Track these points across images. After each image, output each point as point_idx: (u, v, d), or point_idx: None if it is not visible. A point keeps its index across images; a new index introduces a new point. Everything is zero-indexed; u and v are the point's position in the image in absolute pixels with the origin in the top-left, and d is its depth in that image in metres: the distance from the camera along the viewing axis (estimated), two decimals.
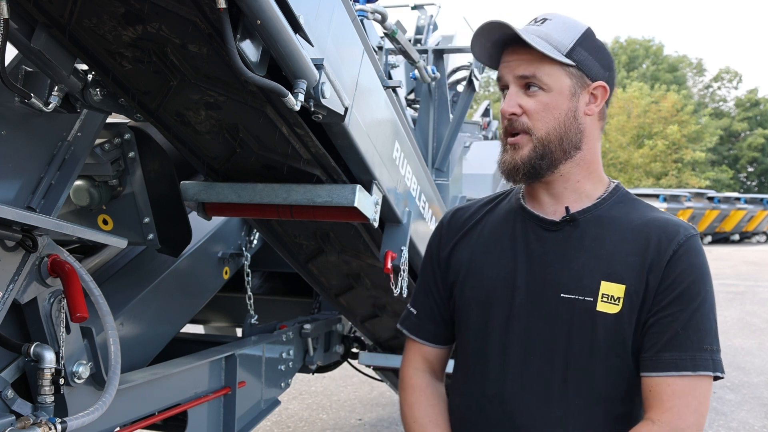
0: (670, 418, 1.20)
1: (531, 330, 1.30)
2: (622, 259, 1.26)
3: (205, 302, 2.76)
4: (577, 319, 1.26)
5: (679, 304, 1.23)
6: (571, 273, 1.28)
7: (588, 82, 1.30)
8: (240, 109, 1.71)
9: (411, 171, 2.38)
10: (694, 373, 1.20)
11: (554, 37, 1.27)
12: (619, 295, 1.24)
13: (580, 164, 1.33)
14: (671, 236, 1.26)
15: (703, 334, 1.22)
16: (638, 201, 1.37)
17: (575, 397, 1.27)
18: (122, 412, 1.96)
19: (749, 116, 52.19)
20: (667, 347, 1.22)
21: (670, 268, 1.24)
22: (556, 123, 1.28)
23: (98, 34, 1.49)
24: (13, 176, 1.62)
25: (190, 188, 2.09)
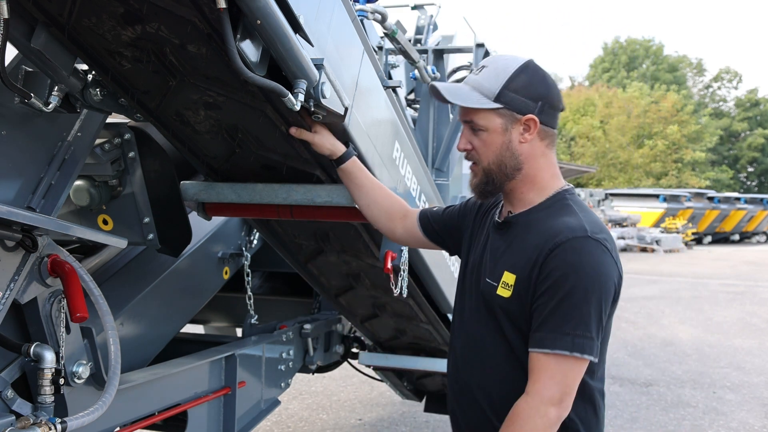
0: (538, 388, 1.46)
1: (471, 302, 1.68)
2: (523, 255, 1.55)
3: (205, 302, 2.76)
4: (488, 298, 1.61)
5: (548, 294, 1.48)
6: (494, 262, 1.62)
7: (518, 117, 1.56)
8: (239, 109, 1.71)
9: (411, 171, 2.38)
10: (552, 351, 1.45)
11: (485, 86, 1.56)
12: (512, 283, 1.55)
13: (524, 180, 1.62)
14: (554, 237, 1.51)
15: (567, 319, 1.45)
16: (567, 207, 1.60)
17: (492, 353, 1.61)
18: (122, 412, 1.96)
19: (749, 116, 52.17)
20: (538, 329, 1.49)
21: (546, 264, 1.49)
22: (494, 155, 1.59)
23: (97, 33, 1.49)
24: (13, 176, 1.62)
25: (190, 188, 2.08)
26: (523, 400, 1.48)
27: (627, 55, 53.54)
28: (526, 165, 1.59)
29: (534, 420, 1.45)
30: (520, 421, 1.46)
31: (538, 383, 1.46)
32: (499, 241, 1.64)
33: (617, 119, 42.73)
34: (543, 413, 1.45)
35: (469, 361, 1.66)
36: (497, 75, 1.55)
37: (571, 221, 1.53)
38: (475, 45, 4.00)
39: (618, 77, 51.65)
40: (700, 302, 11.98)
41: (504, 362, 1.59)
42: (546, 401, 1.45)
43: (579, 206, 1.60)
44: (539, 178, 1.62)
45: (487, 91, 1.55)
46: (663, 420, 5.34)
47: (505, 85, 1.54)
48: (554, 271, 1.48)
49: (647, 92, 44.97)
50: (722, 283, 15.14)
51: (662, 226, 27.53)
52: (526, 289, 1.52)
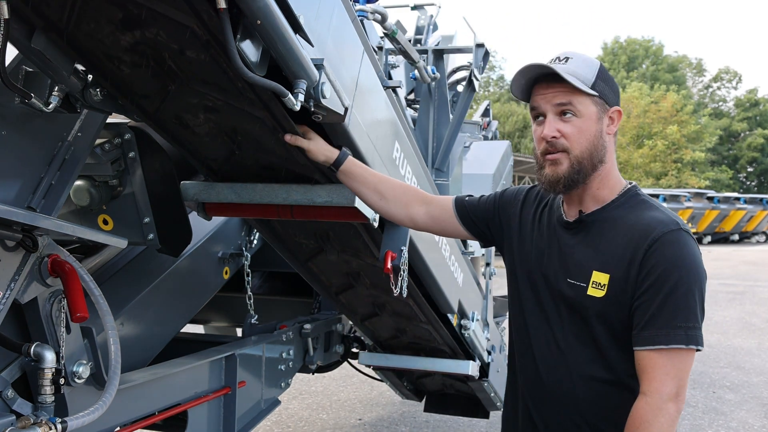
0: (656, 387, 1.45)
1: (550, 301, 1.64)
2: (612, 253, 1.54)
3: (205, 302, 2.76)
4: (575, 300, 1.58)
5: (653, 289, 1.47)
6: (575, 263, 1.60)
7: (607, 108, 1.57)
8: (238, 112, 1.71)
9: (411, 171, 2.38)
10: (667, 346, 1.44)
11: (580, 73, 1.53)
12: (605, 283, 1.53)
13: (601, 174, 1.60)
14: (649, 233, 1.50)
15: (676, 313, 1.45)
16: (643, 202, 1.61)
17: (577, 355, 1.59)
18: (122, 412, 1.96)
19: (749, 116, 52.17)
20: (646, 326, 1.47)
21: (646, 260, 1.49)
22: (587, 143, 1.55)
23: (96, 38, 1.49)
24: (13, 176, 1.62)
25: (190, 188, 2.09)
26: (642, 402, 1.46)
27: (627, 55, 53.54)
28: (606, 160, 1.59)
29: (659, 419, 1.43)
30: (645, 423, 1.44)
31: (655, 381, 1.45)
32: (574, 241, 1.61)
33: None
34: (665, 411, 1.44)
35: (552, 365, 1.63)
36: (588, 66, 1.55)
37: (658, 215, 1.54)
38: (475, 45, 4.00)
39: (618, 77, 51.64)
40: None
41: (591, 364, 1.58)
42: (666, 398, 1.44)
43: (653, 200, 1.61)
44: (612, 175, 1.62)
45: (584, 78, 1.53)
46: None
47: (597, 75, 1.55)
48: (656, 267, 1.47)
49: (647, 92, 44.95)
50: (722, 283, 15.14)
51: None
52: (623, 288, 1.51)
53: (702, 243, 29.95)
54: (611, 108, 1.58)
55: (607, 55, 55.05)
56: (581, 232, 1.61)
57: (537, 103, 1.58)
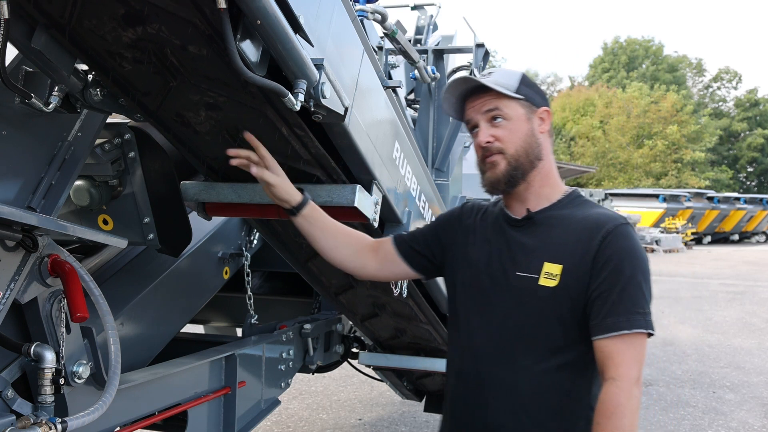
0: (623, 371, 1.51)
1: (494, 298, 1.68)
2: (563, 245, 1.61)
3: (205, 302, 2.76)
4: (526, 292, 1.63)
5: (612, 279, 1.55)
6: (525, 256, 1.65)
7: (535, 108, 1.69)
8: (240, 109, 1.71)
9: (411, 171, 2.38)
10: (630, 331, 1.52)
11: (503, 82, 1.66)
12: (557, 273, 1.59)
13: (541, 172, 1.69)
14: (602, 226, 1.60)
15: (635, 300, 1.54)
16: (588, 202, 1.73)
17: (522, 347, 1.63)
18: (122, 412, 1.96)
19: (749, 116, 52.16)
20: (607, 314, 1.54)
21: (601, 252, 1.57)
22: (521, 141, 1.66)
23: (98, 34, 1.49)
24: (13, 176, 1.62)
25: (190, 188, 2.09)
26: (613, 386, 1.51)
27: (627, 55, 53.53)
28: (543, 158, 1.69)
29: (630, 404, 1.50)
30: (620, 407, 1.49)
31: (621, 366, 1.51)
32: (525, 237, 1.68)
33: (617, 119, 42.72)
34: (633, 395, 1.50)
35: (496, 357, 1.66)
36: (510, 75, 1.68)
37: (605, 212, 1.66)
38: (475, 45, 4.00)
39: (618, 77, 51.65)
40: (700, 302, 11.99)
41: (539, 356, 1.62)
42: (633, 382, 1.51)
43: (594, 202, 1.74)
44: (552, 174, 1.72)
45: (507, 86, 1.65)
46: (663, 420, 5.34)
47: (520, 81, 1.67)
48: (612, 258, 1.56)
49: (647, 92, 44.96)
50: (722, 282, 15.14)
51: (662, 226, 27.54)
52: (576, 278, 1.58)
53: (702, 243, 29.96)
54: (539, 108, 1.69)
55: (607, 55, 55.04)
56: (530, 228, 1.68)
57: (469, 115, 1.71)
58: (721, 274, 17.05)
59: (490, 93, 1.66)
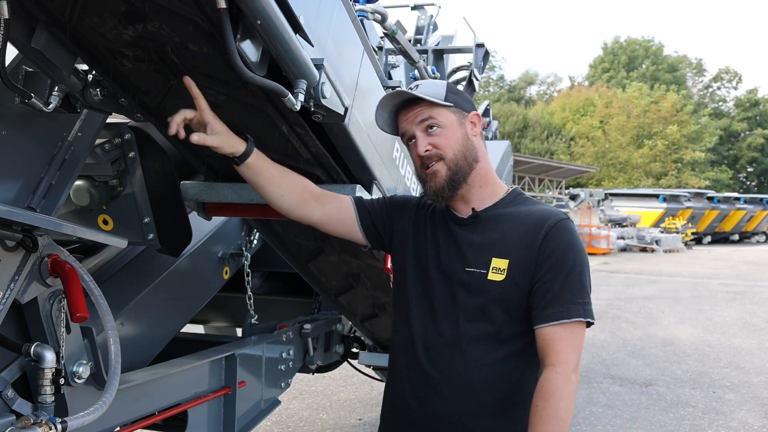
0: (563, 358, 1.58)
1: (443, 292, 1.74)
2: (509, 240, 1.69)
3: (205, 302, 2.76)
4: (474, 285, 1.69)
5: (553, 271, 1.63)
6: (473, 253, 1.72)
7: (465, 113, 1.76)
8: (240, 108, 1.71)
9: (411, 171, 2.38)
10: (569, 320, 1.59)
11: (431, 92, 1.72)
12: (504, 267, 1.67)
13: (480, 173, 1.76)
14: (545, 220, 1.68)
15: (575, 291, 1.62)
16: (530, 200, 1.80)
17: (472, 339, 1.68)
18: (122, 412, 1.96)
19: (749, 116, 52.17)
20: (549, 304, 1.61)
21: (545, 244, 1.65)
22: (457, 145, 1.72)
23: (99, 32, 1.49)
24: (13, 176, 1.62)
25: (190, 188, 2.09)
26: (552, 372, 1.57)
27: (627, 55, 53.53)
28: (479, 161, 1.76)
29: (568, 388, 1.56)
30: (557, 393, 1.55)
31: (561, 353, 1.58)
32: (472, 235, 1.74)
33: (617, 119, 42.73)
34: (571, 380, 1.57)
35: (445, 349, 1.71)
36: (436, 86, 1.75)
37: (548, 208, 1.75)
38: (475, 45, 4.00)
39: (618, 77, 51.67)
40: (700, 302, 11.99)
41: (488, 348, 1.68)
42: (571, 368, 1.58)
43: (536, 200, 1.82)
44: (490, 173, 1.79)
45: (436, 95, 1.71)
46: (663, 420, 5.34)
47: (447, 89, 1.74)
48: (555, 250, 1.64)
49: (647, 92, 44.97)
50: (722, 283, 15.14)
51: (662, 226, 27.55)
52: (522, 271, 1.65)
53: (702, 243, 29.97)
54: (469, 113, 1.76)
55: (607, 55, 55.05)
56: (477, 226, 1.75)
57: (404, 128, 1.76)
58: (721, 274, 17.05)
59: (421, 104, 1.72)
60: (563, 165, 29.21)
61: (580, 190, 28.24)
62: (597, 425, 5.18)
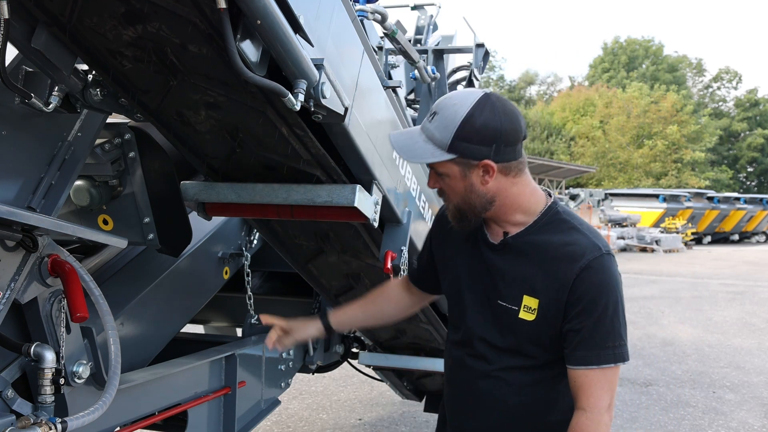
0: (593, 402, 1.56)
1: (476, 320, 1.71)
2: (540, 278, 1.60)
3: (205, 302, 2.76)
4: (506, 320, 1.65)
5: (584, 315, 1.57)
6: (505, 285, 1.65)
7: (473, 163, 1.55)
8: (240, 109, 1.71)
9: (411, 171, 2.38)
10: (599, 366, 1.56)
11: (437, 137, 1.54)
12: (535, 307, 1.61)
13: (503, 208, 1.63)
14: (577, 260, 1.57)
15: (605, 335, 1.57)
16: (565, 222, 1.64)
17: (507, 368, 1.68)
18: (122, 412, 1.96)
19: (749, 116, 52.18)
20: (578, 347, 1.58)
21: (575, 287, 1.56)
22: (459, 197, 1.61)
23: (99, 33, 1.49)
24: (13, 176, 1.62)
25: (190, 188, 2.08)
26: (582, 416, 1.57)
27: (627, 55, 53.54)
28: (498, 199, 1.61)
29: (599, 430, 1.56)
30: None
31: (591, 397, 1.57)
32: (503, 263, 1.66)
33: (617, 119, 42.73)
34: (603, 422, 1.56)
35: (480, 370, 1.72)
36: (446, 125, 1.53)
37: (582, 240, 1.60)
38: (475, 45, 4.00)
39: (618, 77, 51.67)
40: (700, 302, 11.99)
41: (522, 374, 1.68)
42: (602, 411, 1.56)
43: (573, 218, 1.66)
44: (519, 202, 1.63)
45: (439, 143, 1.54)
46: (662, 420, 5.34)
47: (455, 135, 1.52)
48: (585, 294, 1.56)
49: (647, 92, 44.97)
50: (722, 283, 15.14)
51: (662, 226, 27.55)
52: (554, 312, 1.59)
53: (702, 243, 29.95)
54: (479, 162, 1.54)
55: (607, 55, 55.06)
56: (508, 253, 1.65)
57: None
58: (721, 274, 17.05)
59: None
60: (563, 165, 29.21)
61: (580, 190, 28.24)
62: None
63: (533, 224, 1.64)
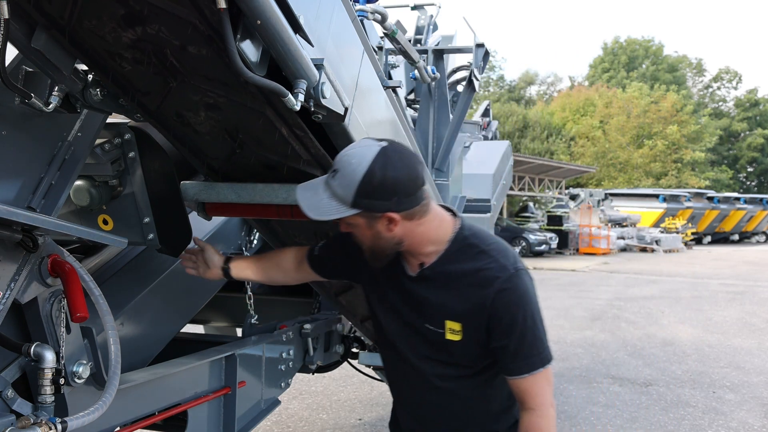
0: (538, 401, 1.73)
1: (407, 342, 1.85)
2: (458, 304, 1.73)
3: (205, 302, 2.76)
4: (435, 340, 1.78)
5: (507, 333, 1.71)
6: (428, 311, 1.77)
7: (378, 215, 1.63)
8: (240, 110, 1.71)
9: None
10: (530, 374, 1.72)
11: (340, 194, 1.61)
12: (459, 329, 1.74)
13: (412, 245, 1.72)
14: (490, 284, 1.69)
15: (530, 346, 1.72)
16: (473, 247, 1.75)
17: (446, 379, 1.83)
18: (122, 412, 1.95)
19: (749, 116, 52.19)
20: (509, 362, 1.74)
21: (492, 311, 1.69)
22: (368, 242, 1.71)
23: (98, 35, 1.49)
24: (13, 176, 1.62)
25: (190, 188, 2.09)
26: (531, 415, 1.74)
27: (627, 55, 53.54)
28: (406, 240, 1.70)
29: (549, 423, 1.74)
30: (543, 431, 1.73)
31: (535, 398, 1.74)
32: (424, 291, 1.77)
33: (617, 119, 42.73)
34: (550, 415, 1.75)
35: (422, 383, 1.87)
36: (347, 184, 1.58)
37: (491, 264, 1.72)
38: (475, 45, 4.01)
39: (618, 77, 51.67)
40: (700, 302, 11.99)
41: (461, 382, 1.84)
42: (547, 406, 1.75)
43: (481, 239, 1.76)
44: (428, 237, 1.72)
45: (342, 200, 1.60)
46: (662, 420, 5.34)
47: (356, 193, 1.58)
48: (504, 315, 1.70)
49: (647, 92, 44.97)
50: (722, 283, 15.15)
51: (662, 226, 27.57)
52: (479, 333, 1.73)
53: (702, 243, 29.97)
54: (382, 215, 1.61)
55: (607, 55, 55.06)
56: (425, 282, 1.77)
57: None
58: (721, 274, 17.05)
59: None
60: (563, 165, 29.19)
61: (580, 190, 28.24)
62: (597, 425, 5.19)
63: (445, 253, 1.75)
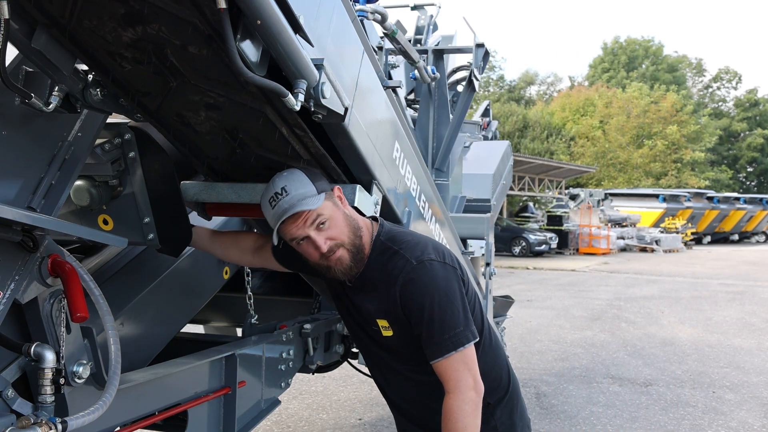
0: (454, 384, 1.82)
1: (365, 342, 2.06)
2: (381, 303, 1.90)
3: (205, 302, 2.76)
4: (379, 339, 1.97)
5: (418, 321, 1.85)
6: (367, 314, 1.96)
7: (331, 194, 1.84)
8: (240, 110, 1.71)
9: (411, 171, 2.38)
10: (443, 357, 1.82)
11: (303, 192, 1.78)
12: (388, 325, 1.92)
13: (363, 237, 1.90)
14: (396, 280, 1.86)
15: (440, 330, 1.82)
16: (387, 249, 1.90)
17: (411, 380, 2.01)
18: (122, 412, 1.95)
19: (749, 116, 52.21)
20: (426, 346, 1.85)
21: (402, 303, 1.86)
22: (347, 227, 1.85)
23: (98, 34, 1.49)
24: (13, 176, 1.62)
25: (190, 188, 2.09)
26: (449, 398, 1.82)
27: (626, 55, 53.55)
28: (360, 223, 1.90)
29: (463, 408, 1.80)
30: (454, 415, 1.80)
31: (451, 380, 1.82)
32: (359, 300, 1.96)
33: (617, 119, 42.73)
34: (468, 398, 1.81)
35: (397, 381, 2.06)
36: (302, 182, 1.79)
37: (398, 261, 1.87)
38: (475, 45, 4.01)
39: (618, 77, 51.69)
40: (700, 302, 11.99)
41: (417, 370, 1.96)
42: (464, 389, 1.81)
43: (393, 240, 1.91)
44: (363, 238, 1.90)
45: (309, 194, 1.78)
46: (662, 420, 5.34)
47: (312, 182, 1.80)
48: (411, 304, 1.84)
49: (647, 92, 44.97)
50: (722, 283, 15.15)
51: (662, 226, 27.57)
52: (404, 326, 1.88)
53: (702, 243, 29.97)
54: (332, 192, 1.84)
55: (607, 55, 55.07)
56: (357, 290, 1.96)
57: (294, 234, 1.83)
58: (721, 274, 17.05)
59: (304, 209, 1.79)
60: (563, 165, 29.19)
61: (580, 190, 28.23)
62: (597, 425, 5.19)
63: (368, 261, 1.91)
